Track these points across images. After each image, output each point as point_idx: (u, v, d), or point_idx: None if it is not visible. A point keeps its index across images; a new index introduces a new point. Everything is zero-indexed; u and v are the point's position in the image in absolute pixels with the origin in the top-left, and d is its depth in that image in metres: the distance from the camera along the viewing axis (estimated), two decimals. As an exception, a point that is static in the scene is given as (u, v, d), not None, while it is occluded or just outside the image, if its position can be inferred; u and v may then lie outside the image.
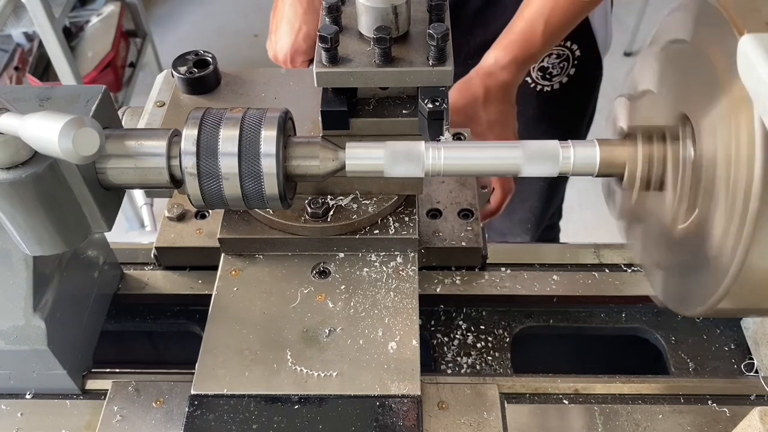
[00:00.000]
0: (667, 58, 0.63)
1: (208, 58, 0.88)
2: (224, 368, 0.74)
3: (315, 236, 0.82)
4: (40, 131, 0.53)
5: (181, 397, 0.77)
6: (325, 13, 0.71)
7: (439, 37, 0.67)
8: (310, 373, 0.73)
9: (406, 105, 0.76)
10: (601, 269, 0.94)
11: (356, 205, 0.83)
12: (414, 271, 0.82)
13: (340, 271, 0.82)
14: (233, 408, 0.71)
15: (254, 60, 3.42)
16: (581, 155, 0.64)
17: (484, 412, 0.75)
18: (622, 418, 0.78)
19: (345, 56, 0.70)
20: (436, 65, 0.69)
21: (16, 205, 0.61)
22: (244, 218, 0.84)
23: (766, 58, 0.44)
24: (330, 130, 0.75)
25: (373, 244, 0.83)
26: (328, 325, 0.77)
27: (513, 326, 0.92)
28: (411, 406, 0.70)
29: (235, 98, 0.87)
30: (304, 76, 0.89)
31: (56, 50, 2.40)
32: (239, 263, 0.83)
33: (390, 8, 0.68)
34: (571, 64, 1.33)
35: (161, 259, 0.95)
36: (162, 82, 0.90)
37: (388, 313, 0.78)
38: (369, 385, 0.72)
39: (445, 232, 0.93)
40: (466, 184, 0.98)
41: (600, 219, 2.56)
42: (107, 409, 0.77)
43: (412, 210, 0.85)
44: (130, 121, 0.86)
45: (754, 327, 0.89)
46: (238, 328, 0.77)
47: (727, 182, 0.53)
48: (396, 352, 0.74)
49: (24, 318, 0.73)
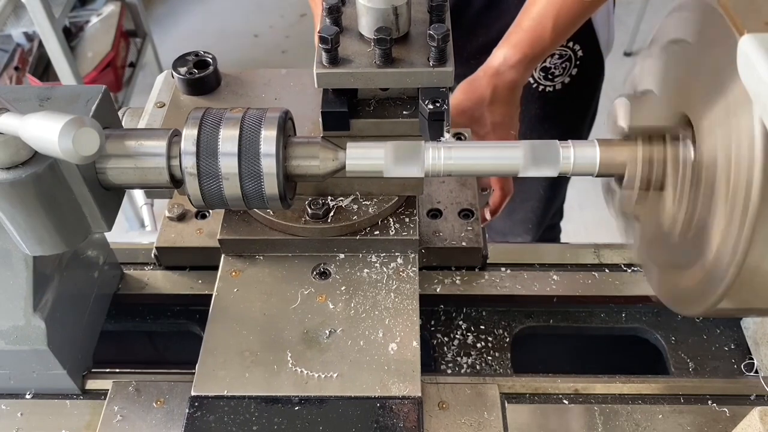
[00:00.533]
0: (667, 58, 0.63)
1: (208, 59, 0.88)
2: (224, 369, 0.74)
3: (315, 237, 0.82)
4: (40, 131, 0.53)
5: (182, 397, 0.77)
6: (326, 14, 0.71)
7: (439, 38, 0.67)
8: (311, 375, 0.73)
9: (407, 106, 0.76)
10: (601, 269, 0.94)
11: (356, 206, 0.83)
12: (414, 272, 0.82)
13: (341, 272, 0.82)
14: (233, 409, 0.71)
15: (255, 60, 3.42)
16: (581, 155, 0.64)
17: (484, 412, 0.75)
18: (622, 418, 0.78)
19: (345, 57, 0.70)
20: (437, 66, 0.69)
21: (16, 205, 0.61)
22: (245, 219, 0.84)
23: (766, 58, 0.44)
24: (330, 131, 0.75)
25: (373, 245, 0.83)
26: (329, 327, 0.77)
27: (513, 326, 0.92)
28: (411, 408, 0.70)
29: (235, 99, 0.87)
30: (304, 76, 0.89)
31: (56, 50, 2.40)
32: (239, 264, 0.83)
33: (390, 9, 0.68)
34: (574, 64, 1.32)
35: (162, 259, 0.94)
36: (162, 83, 0.90)
37: (388, 314, 0.78)
38: (369, 387, 0.72)
39: (445, 232, 0.93)
40: (467, 184, 0.98)
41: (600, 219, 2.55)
42: (108, 409, 0.77)
43: (413, 211, 0.85)
44: (130, 121, 0.86)
45: (754, 327, 0.89)
46: (238, 329, 0.77)
47: (727, 182, 0.53)
48: (396, 353, 0.74)
49: (24, 318, 0.73)
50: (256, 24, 3.77)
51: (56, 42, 2.37)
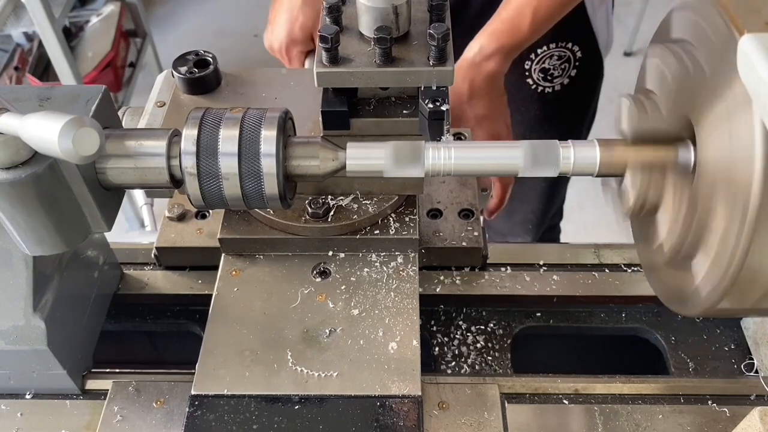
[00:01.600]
0: (667, 58, 0.63)
1: (208, 58, 0.88)
2: (224, 368, 0.74)
3: (315, 236, 0.82)
4: (40, 131, 0.53)
5: (182, 397, 0.77)
6: (326, 13, 0.71)
7: (439, 37, 0.67)
8: (311, 374, 0.73)
9: (407, 105, 0.76)
10: (601, 269, 0.94)
11: (357, 205, 0.83)
12: (414, 271, 0.82)
13: (341, 272, 0.82)
14: (233, 408, 0.71)
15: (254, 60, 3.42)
16: (581, 155, 0.64)
17: (484, 412, 0.75)
18: (622, 418, 0.78)
19: (345, 56, 0.70)
20: (437, 65, 0.69)
21: (16, 205, 0.61)
22: (245, 218, 0.84)
23: (766, 58, 0.44)
24: (330, 130, 0.75)
25: (373, 245, 0.83)
26: (329, 326, 0.77)
27: (513, 326, 0.92)
28: (411, 407, 0.70)
29: (235, 98, 0.87)
30: (304, 76, 0.89)
31: (56, 50, 2.40)
32: (239, 263, 0.83)
33: (390, 8, 0.68)
34: (573, 65, 1.32)
35: (162, 259, 0.94)
36: (162, 82, 0.90)
37: (388, 313, 0.78)
38: (369, 386, 0.72)
39: (445, 232, 0.92)
40: (467, 184, 0.98)
41: (600, 219, 2.56)
42: (107, 409, 0.77)
43: (413, 210, 0.85)
44: (130, 121, 0.86)
45: (754, 327, 0.89)
46: (238, 329, 0.77)
47: (727, 182, 0.53)
48: (396, 352, 0.74)
49: (24, 318, 0.73)
50: (256, 24, 3.76)
51: (56, 42, 2.37)
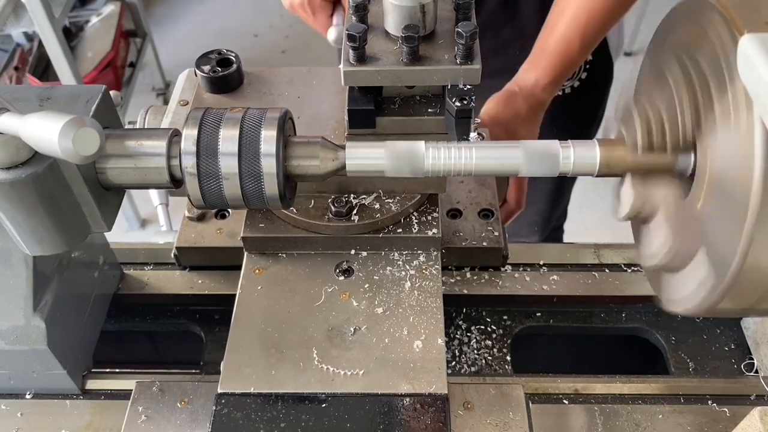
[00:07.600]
0: (667, 58, 0.63)
1: (231, 57, 0.87)
2: (250, 367, 0.73)
3: (338, 235, 0.82)
4: (40, 131, 0.53)
5: (206, 397, 0.77)
6: (352, 11, 0.71)
7: (467, 36, 0.67)
8: (337, 372, 0.73)
9: (432, 103, 0.76)
10: (601, 269, 0.94)
11: (379, 204, 0.83)
12: (437, 269, 0.81)
13: (364, 270, 0.82)
14: (260, 406, 0.70)
15: (255, 60, 3.42)
16: (581, 155, 0.64)
17: (509, 412, 0.75)
18: (622, 418, 0.78)
19: (372, 55, 0.70)
20: (464, 64, 0.69)
21: (16, 205, 0.61)
22: (267, 217, 0.84)
23: (766, 58, 0.44)
24: (356, 129, 0.75)
25: (396, 243, 0.83)
26: (353, 324, 0.77)
27: (513, 326, 0.92)
28: (438, 405, 0.70)
29: (258, 97, 0.86)
30: (326, 75, 0.89)
31: (56, 50, 2.40)
32: (262, 262, 0.83)
33: (418, 7, 0.68)
34: (583, 68, 1.33)
35: (182, 259, 0.94)
36: (185, 81, 0.89)
37: (412, 311, 0.77)
38: (396, 384, 0.72)
39: (465, 232, 0.92)
40: (486, 184, 0.98)
41: (600, 219, 2.56)
42: (132, 410, 0.77)
43: (435, 209, 0.85)
44: (153, 120, 0.85)
45: (754, 327, 0.89)
46: (263, 327, 0.77)
47: (727, 182, 0.53)
48: (422, 350, 0.74)
49: (24, 318, 0.73)
50: (256, 24, 3.77)
51: (56, 42, 2.37)
